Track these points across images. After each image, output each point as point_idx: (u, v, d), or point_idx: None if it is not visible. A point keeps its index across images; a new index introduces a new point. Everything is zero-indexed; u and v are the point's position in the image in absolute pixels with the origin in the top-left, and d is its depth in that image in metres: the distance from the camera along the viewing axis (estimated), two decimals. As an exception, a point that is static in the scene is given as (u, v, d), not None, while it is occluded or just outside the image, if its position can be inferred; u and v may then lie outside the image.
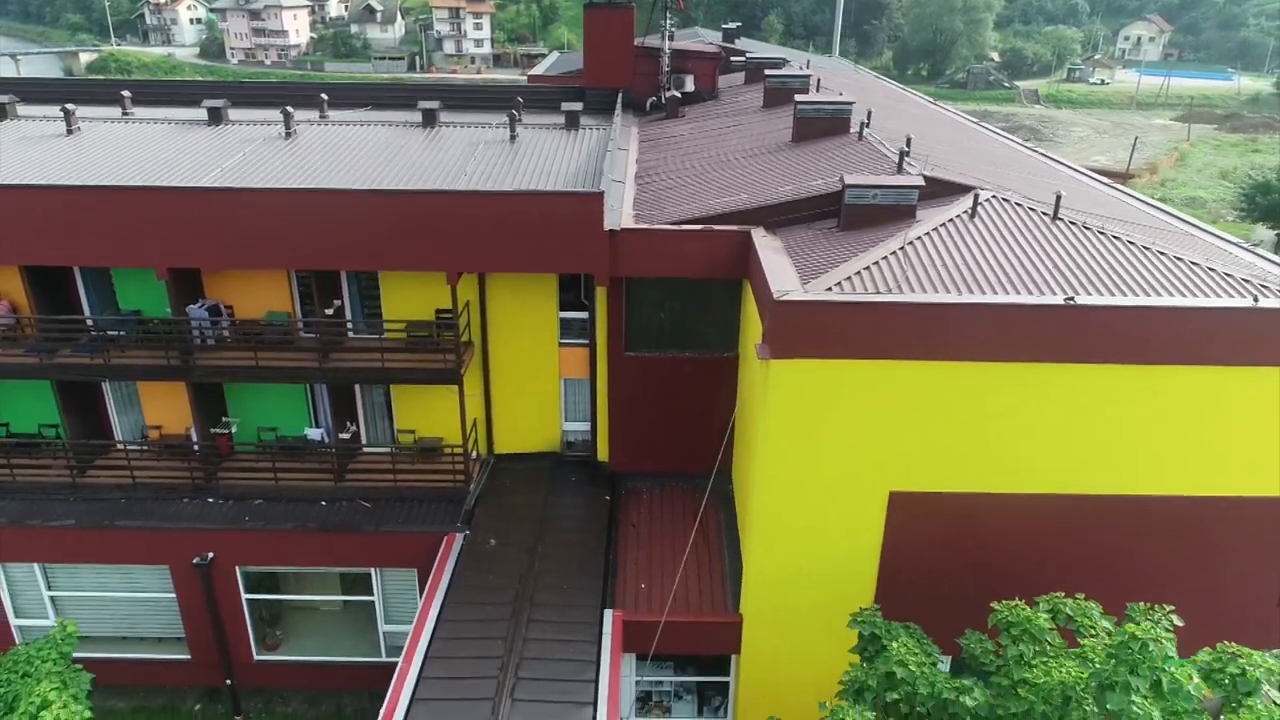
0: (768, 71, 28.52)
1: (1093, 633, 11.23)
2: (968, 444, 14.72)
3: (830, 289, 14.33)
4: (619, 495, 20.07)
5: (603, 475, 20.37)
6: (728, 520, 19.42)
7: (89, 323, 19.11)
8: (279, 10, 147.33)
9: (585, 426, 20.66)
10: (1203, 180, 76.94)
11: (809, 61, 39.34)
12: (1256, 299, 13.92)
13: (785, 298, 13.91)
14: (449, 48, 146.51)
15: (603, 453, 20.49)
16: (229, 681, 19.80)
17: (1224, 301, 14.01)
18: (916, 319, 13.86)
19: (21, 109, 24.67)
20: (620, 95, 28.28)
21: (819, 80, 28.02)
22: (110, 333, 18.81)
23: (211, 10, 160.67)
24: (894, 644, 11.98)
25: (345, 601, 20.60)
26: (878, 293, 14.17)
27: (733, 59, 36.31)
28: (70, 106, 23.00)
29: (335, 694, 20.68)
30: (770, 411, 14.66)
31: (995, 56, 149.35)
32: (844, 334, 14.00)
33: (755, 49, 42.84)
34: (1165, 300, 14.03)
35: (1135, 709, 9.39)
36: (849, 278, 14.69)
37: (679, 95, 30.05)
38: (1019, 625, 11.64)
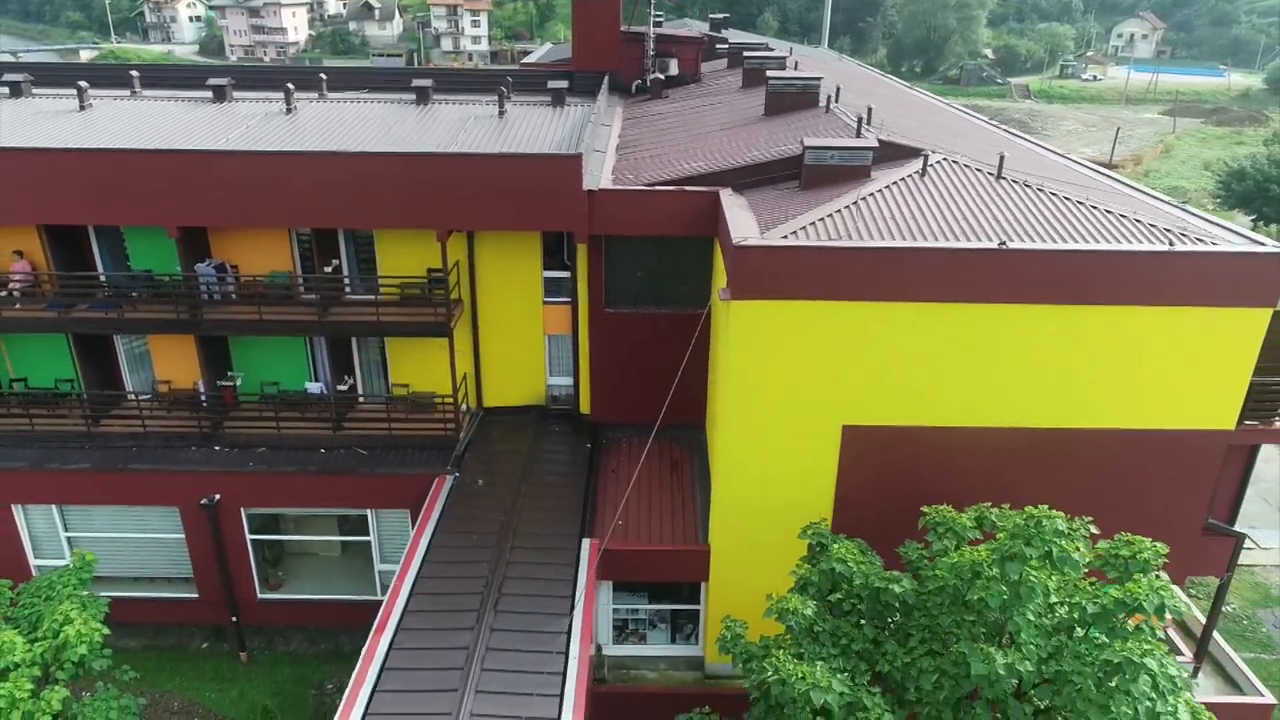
0: (747, 54, 29.86)
1: (1011, 532, 12.53)
2: (913, 380, 16.04)
3: (786, 237, 15.68)
4: (600, 444, 21.39)
5: (585, 426, 21.70)
6: (701, 467, 20.73)
7: (103, 280, 20.40)
8: (278, 8, 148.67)
9: (569, 381, 21.98)
10: (1186, 171, 78.34)
11: (792, 49, 40.68)
12: (1172, 243, 15.26)
13: (745, 243, 15.25)
14: (446, 45, 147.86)
15: (585, 405, 21.81)
16: (234, 619, 21.13)
17: (1142, 246, 15.35)
18: (863, 262, 15.19)
19: (34, 90, 25.99)
20: (606, 78, 29.56)
21: (796, 62, 29.34)
22: (124, 290, 20.11)
23: (211, 8, 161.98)
24: (835, 546, 13.32)
25: (343, 546, 21.97)
26: (830, 240, 15.51)
27: (717, 46, 37.70)
28: (83, 83, 24.34)
29: (334, 633, 22.03)
30: (732, 350, 16.00)
31: (989, 54, 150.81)
32: (798, 277, 15.32)
33: (741, 40, 44.19)
34: (1090, 245, 15.37)
35: (1031, 578, 10.74)
36: (804, 228, 16.04)
37: (663, 78, 31.41)
38: (944, 524, 12.97)
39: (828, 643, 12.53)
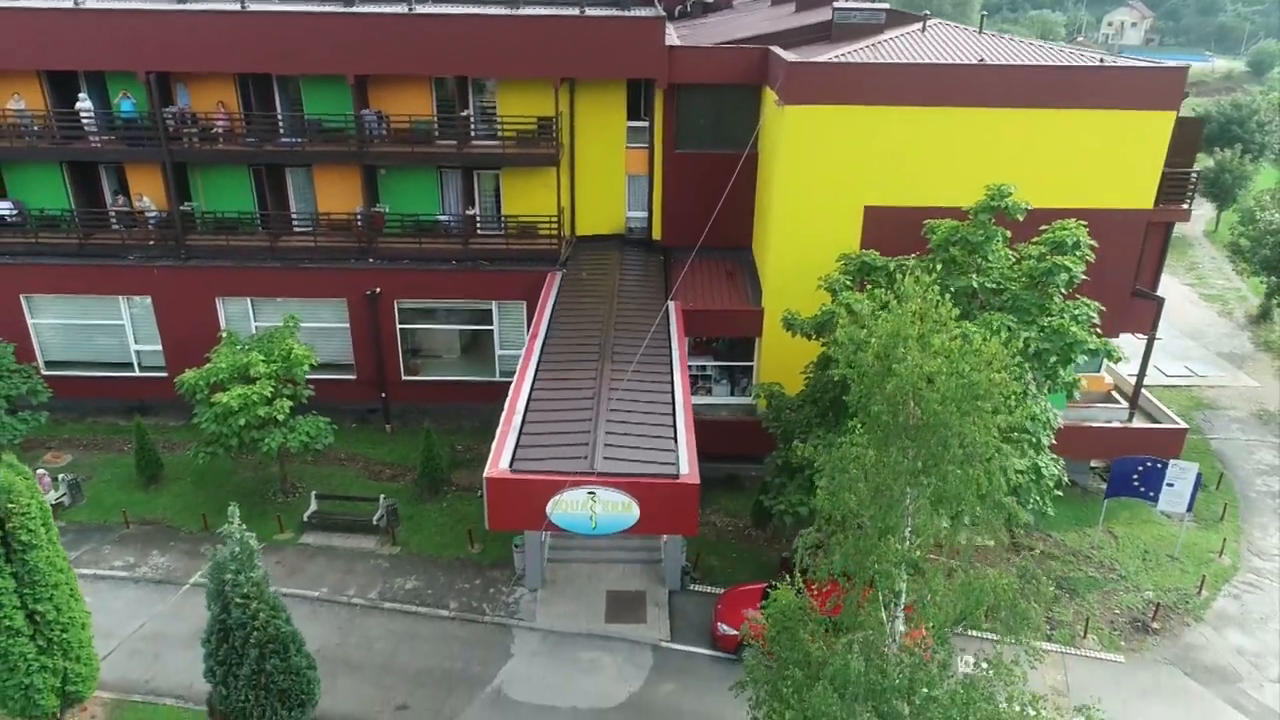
0: (775, -22, 35.85)
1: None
2: (915, 169, 21.88)
3: (821, 62, 21.56)
4: (669, 261, 27.18)
5: (657, 248, 27.52)
6: (751, 276, 26.52)
7: (282, 122, 26.18)
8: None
9: (643, 214, 27.75)
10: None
11: None
12: (1102, 61, 21.14)
13: (794, 60, 21.11)
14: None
15: (656, 232, 27.62)
16: (384, 396, 26.95)
17: (1081, 63, 21.22)
18: (879, 75, 21.06)
19: None
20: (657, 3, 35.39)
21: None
22: (308, 127, 25.85)
23: None
24: (862, 252, 19.24)
25: (464, 344, 27.77)
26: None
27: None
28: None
29: (456, 414, 27.79)
30: (783, 146, 21.84)
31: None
32: (832, 87, 21.18)
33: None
34: (1045, 62, 21.24)
35: (993, 227, 16.67)
36: (835, 57, 21.91)
37: (702, 2, 37.37)
38: (938, 226, 18.84)
39: (859, 307, 18.35)
